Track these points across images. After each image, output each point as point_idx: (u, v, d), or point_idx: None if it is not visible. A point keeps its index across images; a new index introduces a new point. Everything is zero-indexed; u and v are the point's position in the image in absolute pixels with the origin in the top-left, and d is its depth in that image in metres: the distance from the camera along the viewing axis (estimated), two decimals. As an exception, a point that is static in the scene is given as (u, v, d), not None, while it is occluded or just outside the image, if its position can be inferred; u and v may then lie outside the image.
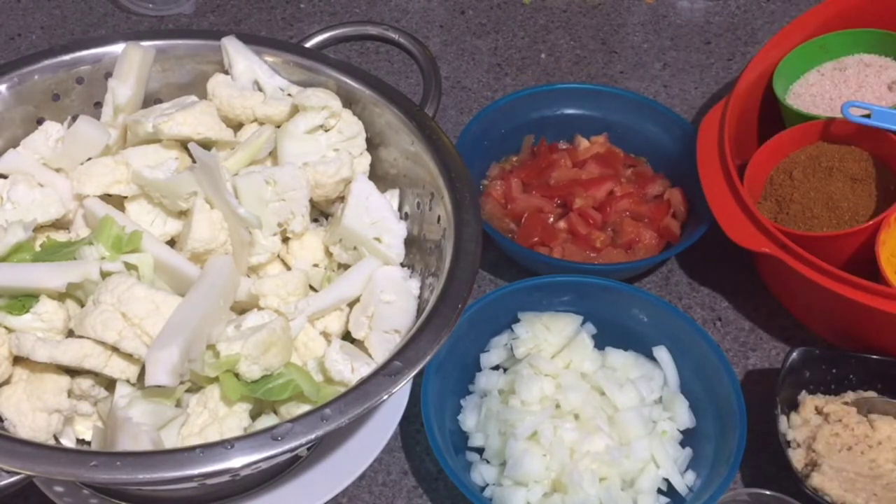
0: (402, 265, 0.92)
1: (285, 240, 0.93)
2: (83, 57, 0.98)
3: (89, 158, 0.93)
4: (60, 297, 0.83)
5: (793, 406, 0.97)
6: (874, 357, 0.98)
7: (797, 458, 0.93)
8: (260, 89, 0.98)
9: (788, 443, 0.94)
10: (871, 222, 1.01)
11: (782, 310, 1.11)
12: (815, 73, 1.18)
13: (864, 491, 0.90)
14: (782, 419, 0.95)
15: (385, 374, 0.75)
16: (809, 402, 0.96)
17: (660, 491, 0.92)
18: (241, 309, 0.88)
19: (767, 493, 0.89)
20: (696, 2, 1.51)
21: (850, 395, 0.97)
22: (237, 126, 0.98)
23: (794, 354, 0.97)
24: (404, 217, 0.95)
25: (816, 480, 0.90)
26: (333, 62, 0.99)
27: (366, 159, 0.98)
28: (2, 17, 1.45)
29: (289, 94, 0.98)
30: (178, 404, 0.83)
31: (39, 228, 0.90)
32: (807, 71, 1.19)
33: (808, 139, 1.11)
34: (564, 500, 0.89)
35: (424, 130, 0.93)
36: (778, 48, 1.18)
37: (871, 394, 0.98)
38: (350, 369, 0.83)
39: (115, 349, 0.79)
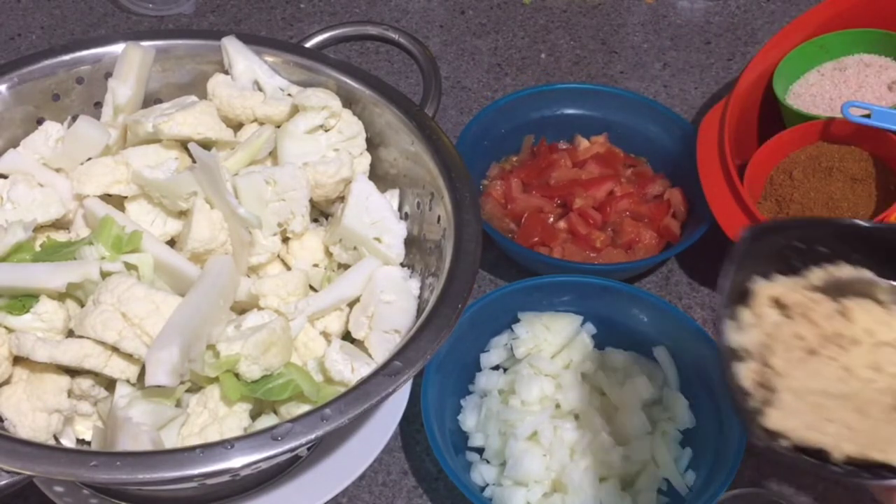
0: (402, 265, 0.92)
1: (285, 240, 0.93)
2: (83, 57, 0.98)
3: (89, 158, 0.93)
4: (60, 297, 0.83)
5: (743, 298, 0.71)
6: (851, 221, 0.78)
7: (746, 375, 0.68)
8: (260, 89, 0.98)
9: (735, 353, 0.68)
10: (871, 222, 1.01)
11: (782, 310, 1.11)
12: (815, 73, 1.18)
13: (834, 422, 0.65)
14: (728, 325, 0.69)
15: (385, 374, 0.75)
16: (764, 290, 0.71)
17: (660, 491, 0.92)
18: (241, 309, 0.88)
19: (767, 492, 0.89)
20: (696, 2, 1.51)
21: (817, 274, 0.72)
22: (237, 126, 0.98)
23: (749, 231, 0.72)
24: (404, 217, 0.95)
25: (774, 419, 0.65)
26: (333, 62, 0.99)
27: (366, 159, 0.98)
28: (2, 17, 1.45)
29: (289, 94, 0.98)
30: (178, 404, 0.83)
31: (39, 228, 0.90)
32: (807, 71, 1.19)
33: (808, 139, 1.11)
34: (564, 500, 0.89)
35: (424, 130, 0.93)
36: (778, 48, 1.18)
37: (845, 268, 0.72)
38: (350, 369, 0.83)
39: (115, 349, 0.79)
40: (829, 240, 0.72)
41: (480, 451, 0.95)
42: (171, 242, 0.91)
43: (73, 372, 0.82)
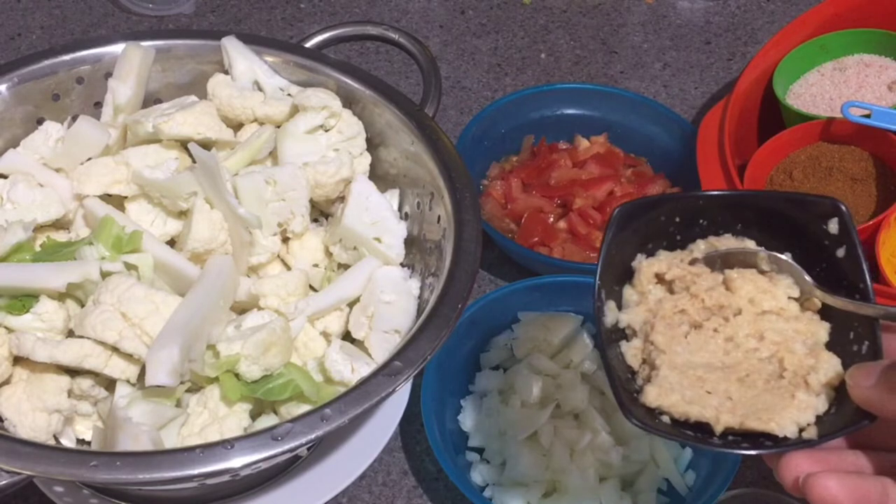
0: (402, 265, 0.92)
1: (285, 240, 0.93)
2: (83, 57, 0.98)
3: (89, 158, 0.93)
4: (60, 297, 0.83)
5: (628, 277, 0.71)
6: (724, 192, 0.77)
7: (632, 353, 0.67)
8: (260, 89, 0.98)
9: (623, 333, 0.69)
10: (871, 222, 1.01)
11: (782, 310, 1.11)
12: (815, 73, 1.18)
13: (716, 394, 0.64)
14: (610, 306, 0.69)
15: (385, 374, 0.75)
16: (647, 267, 0.70)
17: (660, 491, 0.93)
18: (241, 309, 0.88)
19: (767, 492, 0.89)
20: (696, 2, 1.51)
21: (700, 246, 0.71)
22: (237, 126, 0.98)
23: (618, 210, 0.69)
24: (404, 217, 0.95)
25: (652, 396, 0.63)
26: (333, 62, 0.99)
27: (366, 159, 0.98)
28: (2, 17, 1.45)
29: (289, 94, 0.98)
30: (178, 404, 0.83)
31: (39, 228, 0.90)
32: (807, 71, 1.19)
33: (808, 139, 1.11)
34: (564, 500, 0.89)
35: (424, 130, 0.93)
36: (778, 48, 1.18)
37: (728, 239, 0.70)
38: (350, 369, 0.83)
39: (115, 349, 0.79)
40: (712, 211, 0.70)
41: (480, 451, 0.95)
42: (171, 242, 0.91)
43: (73, 372, 0.82)
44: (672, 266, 0.69)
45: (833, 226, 0.67)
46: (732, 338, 0.67)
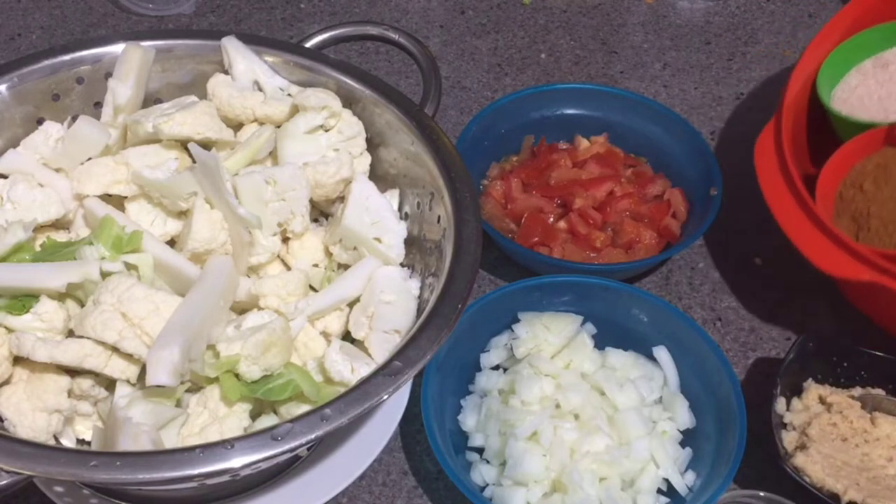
0: (402, 265, 0.92)
1: (285, 240, 0.93)
2: (83, 57, 0.98)
3: (89, 158, 0.93)
4: (60, 297, 0.83)
5: (796, 392, 0.96)
6: (889, 357, 0.97)
7: (788, 439, 0.93)
8: (260, 89, 0.98)
9: (784, 425, 0.94)
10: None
11: (783, 310, 1.11)
12: (855, 73, 1.14)
13: (848, 479, 0.89)
14: (780, 400, 0.95)
15: (385, 374, 0.75)
16: (814, 389, 0.96)
17: (660, 491, 0.92)
18: (241, 309, 0.88)
19: (767, 494, 0.89)
20: (696, 2, 1.51)
21: (857, 391, 0.97)
22: (237, 126, 0.98)
23: (805, 342, 0.96)
24: (404, 217, 0.95)
25: (800, 460, 0.89)
26: (333, 62, 0.99)
27: (366, 159, 0.98)
28: (2, 17, 1.45)
29: (289, 94, 0.98)
30: (178, 404, 0.83)
31: (39, 228, 0.90)
32: (846, 73, 1.14)
33: (872, 147, 1.05)
34: (564, 500, 0.89)
35: (424, 130, 0.93)
36: (815, 56, 1.13)
37: (880, 392, 0.97)
38: (350, 369, 0.83)
39: (115, 349, 0.79)
40: (869, 369, 0.97)
41: (480, 451, 0.95)
42: (171, 242, 0.91)
43: (73, 372, 0.82)
44: (833, 394, 0.95)
45: None
46: (869, 454, 0.92)
